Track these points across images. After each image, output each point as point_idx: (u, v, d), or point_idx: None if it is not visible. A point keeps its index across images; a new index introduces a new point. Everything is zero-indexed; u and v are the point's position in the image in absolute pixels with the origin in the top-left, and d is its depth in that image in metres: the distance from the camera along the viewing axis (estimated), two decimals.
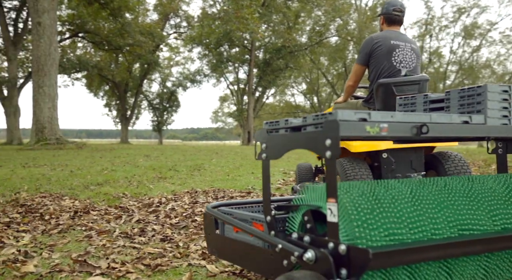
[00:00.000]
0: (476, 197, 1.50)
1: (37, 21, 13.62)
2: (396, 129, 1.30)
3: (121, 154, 11.18)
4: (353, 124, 1.21)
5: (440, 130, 1.39)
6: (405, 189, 1.42)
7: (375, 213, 1.28)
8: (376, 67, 3.23)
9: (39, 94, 13.66)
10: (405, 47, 3.23)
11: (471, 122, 1.49)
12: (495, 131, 1.55)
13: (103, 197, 4.38)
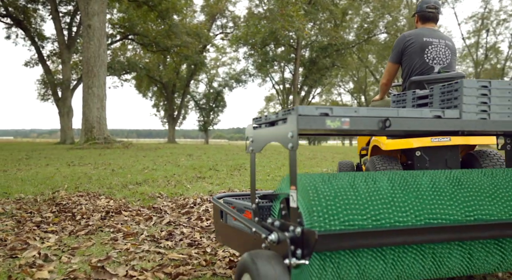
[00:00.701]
0: (450, 190, 1.55)
1: (88, 24, 14.04)
2: (359, 123, 1.39)
3: (165, 154, 11.27)
4: (313, 119, 1.33)
5: (406, 124, 1.46)
6: (372, 180, 1.50)
7: (336, 201, 1.38)
8: (409, 65, 3.19)
9: (88, 94, 14.08)
10: (438, 43, 3.18)
11: (444, 116, 1.54)
12: (470, 125, 1.58)
13: (139, 197, 4.30)
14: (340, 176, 1.50)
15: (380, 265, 1.46)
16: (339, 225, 1.35)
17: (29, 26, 23.73)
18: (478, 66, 39.37)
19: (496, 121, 1.63)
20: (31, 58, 25.14)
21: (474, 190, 1.58)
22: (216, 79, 46.42)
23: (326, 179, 1.46)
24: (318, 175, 1.48)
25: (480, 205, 1.55)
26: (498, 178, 1.65)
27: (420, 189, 1.53)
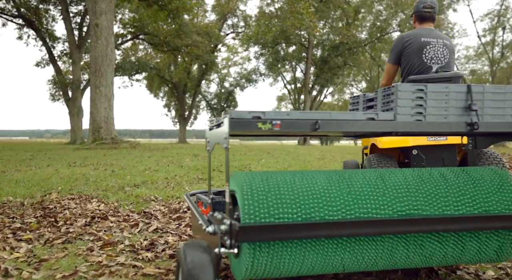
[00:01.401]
0: (383, 187, 1.63)
1: (95, 23, 13.93)
2: (290, 125, 1.51)
3: (170, 154, 11.08)
4: (244, 122, 1.46)
5: (339, 126, 1.56)
6: (310, 178, 1.61)
7: (267, 196, 1.49)
8: (407, 65, 3.22)
9: (96, 94, 13.97)
10: (436, 43, 3.20)
11: (377, 118, 1.62)
12: (404, 126, 1.66)
13: (133, 200, 4.09)
14: (279, 175, 1.62)
15: (312, 256, 1.54)
16: (268, 218, 1.47)
17: (41, 27, 23.81)
18: (494, 64, 38.54)
19: (432, 123, 1.69)
20: (42, 58, 25.23)
21: (408, 188, 1.65)
22: (227, 79, 46.30)
23: (264, 177, 1.59)
24: (257, 173, 1.61)
25: (411, 201, 1.62)
26: (436, 177, 1.73)
27: (354, 186, 1.62)
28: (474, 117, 1.72)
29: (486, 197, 1.68)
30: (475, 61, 43.34)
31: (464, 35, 64.75)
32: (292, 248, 1.52)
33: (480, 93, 1.75)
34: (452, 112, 1.73)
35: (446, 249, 1.66)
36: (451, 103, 1.73)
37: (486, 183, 1.72)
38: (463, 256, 1.70)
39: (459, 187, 1.69)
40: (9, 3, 22.61)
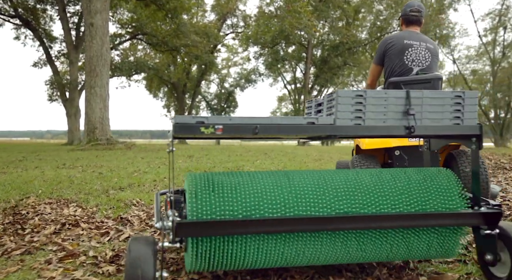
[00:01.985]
0: (324, 187, 1.74)
1: (90, 22, 13.74)
2: (232, 129, 1.64)
3: (165, 155, 10.88)
4: (188, 127, 1.61)
5: (279, 130, 1.67)
6: (257, 179, 1.73)
7: (210, 195, 1.64)
8: (389, 66, 3.29)
9: (91, 94, 13.78)
10: (419, 46, 3.28)
11: (317, 123, 1.72)
12: (343, 130, 1.75)
13: (114, 204, 3.89)
14: (228, 175, 1.75)
15: (253, 250, 1.64)
16: (211, 215, 1.61)
17: (38, 27, 23.64)
18: (495, 64, 38.28)
19: (371, 126, 1.77)
20: (39, 58, 25.06)
21: (347, 188, 1.76)
22: (227, 79, 46.13)
23: (212, 177, 1.72)
24: (207, 174, 1.75)
25: (349, 200, 1.72)
26: (378, 177, 1.83)
27: (297, 186, 1.73)
28: (412, 121, 1.80)
29: (425, 196, 1.78)
30: (476, 61, 43.06)
31: (465, 35, 64.41)
32: (234, 243, 1.64)
33: (419, 99, 1.82)
34: (391, 116, 1.81)
35: (385, 245, 1.75)
36: (390, 108, 1.81)
37: (428, 183, 1.82)
38: (405, 252, 1.79)
39: (400, 187, 1.80)
40: (6, 3, 22.43)
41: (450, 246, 1.82)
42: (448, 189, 1.81)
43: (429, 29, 31.92)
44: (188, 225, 1.55)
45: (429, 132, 1.82)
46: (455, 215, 1.72)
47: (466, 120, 1.86)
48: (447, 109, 1.85)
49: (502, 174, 5.93)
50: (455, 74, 45.05)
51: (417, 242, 1.77)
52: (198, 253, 1.62)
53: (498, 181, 5.16)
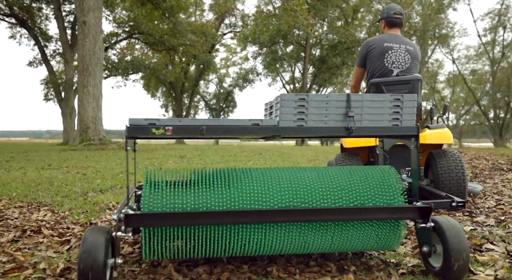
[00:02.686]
0: (268, 183, 1.90)
1: (83, 20, 13.55)
2: (181, 130, 1.82)
3: (157, 155, 10.69)
4: (140, 128, 1.78)
5: (226, 131, 1.86)
6: (205, 175, 1.92)
7: (161, 190, 1.82)
8: (371, 68, 3.42)
9: (83, 94, 13.58)
10: (399, 48, 3.39)
11: (262, 124, 1.89)
12: (287, 131, 1.91)
13: (88, 208, 3.69)
14: (182, 173, 1.91)
15: (201, 240, 1.79)
16: (161, 208, 1.76)
17: (34, 26, 23.45)
18: (494, 64, 38.09)
19: (312, 127, 1.91)
20: (34, 58, 24.87)
21: (291, 184, 1.89)
22: (226, 79, 45.95)
23: (166, 174, 1.90)
24: (164, 171, 1.90)
25: (292, 195, 1.85)
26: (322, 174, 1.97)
27: (243, 182, 1.87)
28: (351, 122, 1.92)
29: (364, 192, 1.90)
30: (476, 61, 42.88)
31: (464, 35, 64.22)
32: (183, 233, 1.78)
33: (359, 101, 1.95)
34: (332, 118, 1.94)
35: (326, 237, 1.87)
36: (331, 110, 1.94)
37: (370, 180, 1.95)
38: (347, 244, 1.91)
39: (342, 183, 1.93)
40: (2, 2, 22.24)
41: (390, 238, 1.93)
42: (388, 186, 1.93)
43: (428, 28, 31.73)
44: (136, 216, 1.70)
45: (368, 132, 1.95)
46: (389, 209, 1.83)
47: (404, 122, 1.99)
48: (386, 111, 1.98)
49: (499, 175, 5.74)
50: (455, 74, 44.92)
51: (357, 234, 1.89)
52: (151, 242, 1.77)
53: (494, 183, 4.97)
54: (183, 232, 1.77)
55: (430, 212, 1.86)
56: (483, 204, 3.50)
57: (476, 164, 7.67)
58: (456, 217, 3.05)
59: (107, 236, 1.68)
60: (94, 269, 1.58)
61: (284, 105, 1.93)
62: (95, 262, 1.58)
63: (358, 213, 1.81)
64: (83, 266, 1.58)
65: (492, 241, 2.35)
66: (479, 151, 15.85)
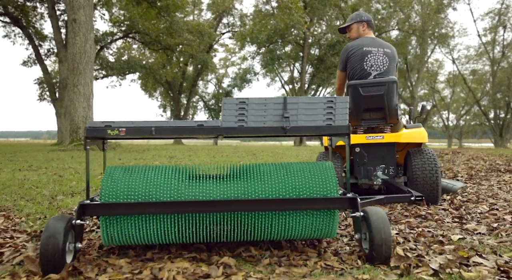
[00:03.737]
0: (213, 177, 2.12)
1: (73, 18, 13.27)
2: (134, 131, 2.04)
3: (146, 156, 10.41)
4: (97, 129, 2.02)
5: (172, 132, 2.07)
6: (159, 170, 2.11)
7: (117, 183, 2.02)
8: (351, 71, 3.62)
9: (74, 93, 13.30)
10: (377, 52, 3.57)
11: (206, 125, 2.09)
12: (229, 131, 2.10)
13: (48, 213, 3.41)
14: (139, 168, 2.13)
15: (153, 228, 2.00)
16: (115, 198, 1.99)
17: (28, 25, 23.18)
18: (494, 64, 37.77)
19: (251, 127, 2.10)
20: (28, 57, 24.60)
21: (233, 178, 2.11)
22: (225, 79, 45.71)
23: (124, 169, 2.11)
24: (125, 167, 2.13)
25: (233, 188, 2.05)
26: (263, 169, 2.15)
27: (190, 176, 2.11)
28: (287, 122, 2.08)
29: (301, 184, 2.05)
30: (476, 61, 42.59)
31: (464, 35, 63.89)
32: (136, 221, 1.96)
33: (295, 104, 2.11)
34: (270, 119, 2.10)
35: (266, 226, 2.03)
36: (269, 112, 2.11)
37: (307, 173, 2.10)
38: (285, 232, 2.06)
39: (280, 176, 2.08)
40: None
41: (326, 227, 2.09)
42: (324, 179, 2.09)
43: (427, 28, 31.44)
44: (90, 206, 1.93)
45: (302, 131, 2.11)
46: (321, 200, 2.00)
47: (337, 121, 2.14)
48: (320, 112, 2.14)
49: (495, 177, 5.45)
50: (455, 74, 44.59)
51: (294, 223, 2.05)
52: (108, 229, 1.98)
53: (489, 185, 4.67)
54: (136, 221, 1.97)
55: (356, 203, 2.04)
56: (475, 209, 3.21)
57: (473, 165, 7.38)
58: (445, 223, 2.76)
59: (67, 223, 1.88)
60: (54, 252, 1.79)
61: (226, 108, 2.11)
62: (55, 246, 1.79)
63: (294, 203, 1.98)
64: (44, 249, 1.80)
65: (482, 253, 2.06)
66: (478, 151, 15.57)
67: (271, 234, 2.08)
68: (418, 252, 2.13)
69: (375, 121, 3.60)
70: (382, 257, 1.93)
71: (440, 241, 2.31)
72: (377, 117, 3.57)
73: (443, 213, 3.10)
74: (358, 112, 3.52)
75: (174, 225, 1.99)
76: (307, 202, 1.99)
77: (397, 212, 3.14)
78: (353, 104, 3.50)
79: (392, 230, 2.61)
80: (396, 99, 3.51)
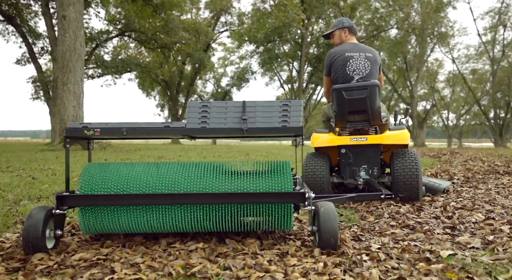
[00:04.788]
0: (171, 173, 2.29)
1: (62, 15, 12.96)
2: (108, 132, 2.27)
3: (134, 156, 10.10)
4: (76, 130, 2.28)
5: (141, 132, 2.29)
6: (131, 166, 2.35)
7: (94, 177, 2.27)
8: (335, 76, 3.80)
9: (63, 91, 13.00)
10: (359, 57, 3.74)
11: (171, 126, 2.30)
12: (193, 131, 2.30)
13: (2, 221, 3.10)
14: (114, 164, 2.37)
15: (124, 218, 2.23)
16: (91, 191, 2.24)
17: (22, 23, 22.84)
18: (494, 63, 37.44)
19: (213, 128, 2.30)
20: (22, 55, 24.26)
21: (189, 175, 2.29)
22: (224, 78, 45.40)
23: (100, 165, 2.36)
24: (101, 163, 2.39)
25: (196, 182, 2.25)
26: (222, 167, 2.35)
27: (157, 172, 2.30)
28: (245, 124, 2.27)
29: (257, 180, 2.25)
30: (476, 60, 42.25)
31: (464, 34, 63.53)
32: (109, 212, 2.23)
33: (253, 107, 2.29)
34: (230, 120, 2.29)
35: (224, 217, 2.23)
36: (229, 114, 2.30)
37: (266, 170, 2.32)
38: (243, 224, 2.27)
39: (241, 173, 2.31)
40: None
41: (281, 219, 2.24)
42: (279, 176, 2.25)
43: (427, 26, 31.11)
44: (66, 197, 2.18)
45: (259, 132, 2.26)
46: (273, 194, 2.15)
47: (292, 122, 2.27)
48: (276, 114, 2.29)
49: (494, 179, 5.14)
50: (455, 73, 44.22)
51: (252, 215, 2.22)
52: (84, 219, 2.23)
53: (487, 188, 4.36)
54: (109, 211, 2.21)
55: (303, 198, 2.18)
56: (469, 217, 2.90)
57: (470, 166, 7.07)
58: (435, 235, 2.46)
59: (47, 212, 2.12)
60: (34, 238, 2.04)
61: (190, 111, 2.31)
62: (35, 233, 2.04)
63: (248, 197, 2.14)
64: (26, 235, 2.04)
65: (474, 275, 1.76)
66: (478, 151, 15.26)
67: (231, 225, 2.26)
68: (401, 272, 1.83)
69: (359, 123, 3.73)
70: (329, 246, 2.11)
71: (427, 259, 2.00)
72: (361, 119, 3.69)
73: (434, 222, 2.79)
74: (342, 114, 3.64)
75: (143, 215, 2.22)
76: (260, 196, 2.16)
77: (383, 221, 2.83)
78: (338, 107, 3.63)
79: (375, 243, 2.31)
80: (379, 101, 3.63)
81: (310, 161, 3.82)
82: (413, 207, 3.38)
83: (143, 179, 2.23)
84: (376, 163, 3.77)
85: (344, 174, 3.85)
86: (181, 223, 2.23)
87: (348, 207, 3.55)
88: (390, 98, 45.69)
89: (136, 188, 2.21)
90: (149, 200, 2.15)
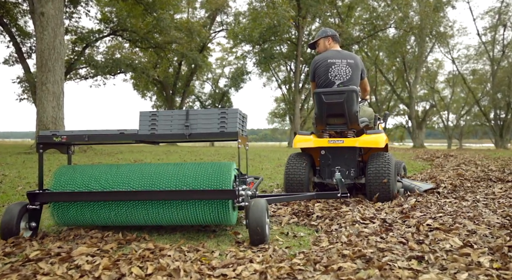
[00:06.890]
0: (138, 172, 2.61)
1: (41, 12, 12.44)
2: (73, 138, 2.62)
3: (112, 160, 9.56)
4: (47, 137, 2.64)
5: (100, 139, 2.62)
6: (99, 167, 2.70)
7: (64, 176, 2.64)
8: (318, 81, 4.09)
9: (42, 92, 12.48)
10: (341, 63, 4.00)
11: (126, 132, 2.62)
12: (143, 137, 2.62)
13: None
14: (85, 167, 2.73)
15: (92, 213, 2.57)
16: (60, 188, 2.59)
17: (10, 22, 22.32)
18: (494, 63, 36.85)
19: (161, 134, 2.60)
20: (10, 55, 23.73)
21: (149, 174, 2.60)
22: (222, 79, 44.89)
23: (73, 167, 2.71)
24: (74, 166, 2.73)
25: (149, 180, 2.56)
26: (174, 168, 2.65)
27: (123, 172, 2.63)
28: (188, 130, 2.59)
29: (200, 179, 2.54)
30: (476, 61, 41.67)
31: (463, 34, 62.94)
32: (76, 207, 2.57)
33: (195, 115, 2.62)
34: (175, 127, 2.62)
35: (171, 212, 2.54)
36: (175, 122, 2.63)
37: (209, 170, 2.59)
38: (187, 218, 2.56)
39: (185, 173, 2.58)
40: None
41: (221, 214, 2.53)
42: (219, 175, 2.54)
43: (425, 26, 30.55)
44: (36, 194, 2.56)
45: (200, 137, 2.58)
46: (210, 192, 2.45)
47: (229, 128, 2.57)
48: (215, 121, 2.60)
49: (484, 188, 4.58)
50: (454, 74, 43.57)
51: (194, 210, 2.52)
52: (58, 213, 2.62)
53: (474, 200, 3.81)
54: (76, 207, 2.58)
55: (234, 195, 2.44)
56: (444, 242, 2.34)
57: (462, 171, 6.51)
58: (393, 271, 1.91)
59: (22, 207, 2.51)
60: (9, 229, 2.44)
61: (142, 119, 2.63)
62: (10, 224, 2.44)
63: (187, 194, 2.45)
64: (2, 227, 2.44)
65: None
66: (477, 152, 14.71)
67: (177, 219, 2.55)
68: None
69: (338, 126, 3.93)
70: (256, 238, 2.34)
71: None
72: (340, 123, 3.88)
73: (400, 249, 2.24)
74: (322, 117, 3.87)
75: (105, 210, 2.55)
76: (196, 193, 2.43)
77: (336, 248, 2.28)
78: (318, 110, 3.86)
79: None
80: (357, 106, 3.79)
81: (291, 161, 4.02)
82: (382, 226, 2.85)
83: (104, 179, 2.59)
84: (353, 164, 3.94)
85: (323, 174, 4.05)
86: (135, 217, 2.56)
87: (308, 225, 3.01)
88: (390, 99, 45.10)
89: (99, 186, 2.57)
90: (104, 197, 2.47)
